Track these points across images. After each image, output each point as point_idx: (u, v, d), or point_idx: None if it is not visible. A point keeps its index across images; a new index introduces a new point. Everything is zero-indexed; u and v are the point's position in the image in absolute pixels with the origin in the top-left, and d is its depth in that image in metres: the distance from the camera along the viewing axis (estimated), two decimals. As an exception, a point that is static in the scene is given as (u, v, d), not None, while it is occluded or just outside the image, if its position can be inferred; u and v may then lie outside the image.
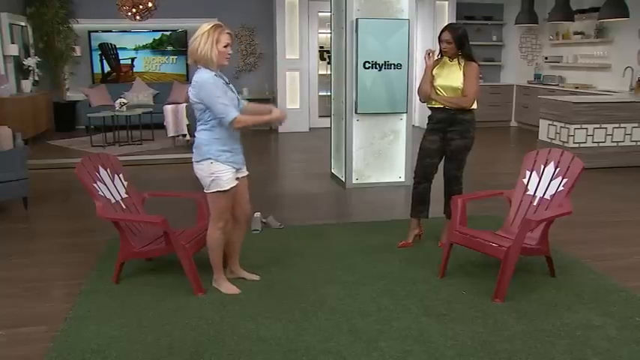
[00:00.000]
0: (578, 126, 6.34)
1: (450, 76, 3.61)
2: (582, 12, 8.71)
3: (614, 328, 2.69)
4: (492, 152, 7.95)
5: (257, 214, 4.25)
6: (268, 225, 4.27)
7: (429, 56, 3.65)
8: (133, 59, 10.14)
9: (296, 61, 9.45)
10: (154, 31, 9.99)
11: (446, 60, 3.65)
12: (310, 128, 9.68)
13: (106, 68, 10.06)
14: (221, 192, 2.92)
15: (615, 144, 6.45)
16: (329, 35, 6.27)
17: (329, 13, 6.01)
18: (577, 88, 8.67)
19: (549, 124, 6.76)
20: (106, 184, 3.34)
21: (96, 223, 3.90)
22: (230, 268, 3.26)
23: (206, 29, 2.81)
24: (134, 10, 7.74)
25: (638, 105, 6.54)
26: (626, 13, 7.36)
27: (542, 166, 3.38)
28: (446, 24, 4.00)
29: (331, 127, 6.06)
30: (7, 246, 3.97)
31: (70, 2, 9.29)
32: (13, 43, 8.29)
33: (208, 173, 2.90)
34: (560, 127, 6.52)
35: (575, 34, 9.07)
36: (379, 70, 5.30)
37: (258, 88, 10.05)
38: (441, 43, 3.61)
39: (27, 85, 8.58)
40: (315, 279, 3.28)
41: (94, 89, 9.52)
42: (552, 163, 3.34)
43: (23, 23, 8.92)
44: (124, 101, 8.16)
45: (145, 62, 10.18)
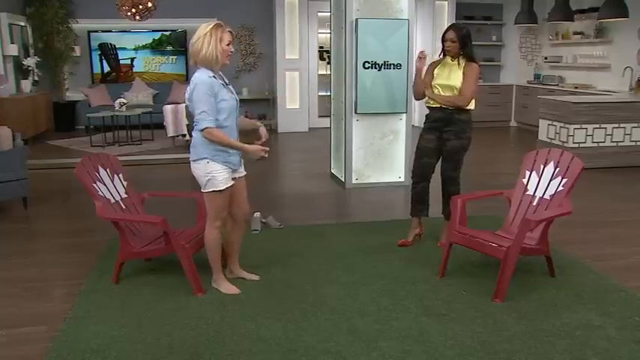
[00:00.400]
0: (578, 126, 6.34)
1: (450, 76, 3.61)
2: (582, 12, 8.71)
3: (614, 328, 2.69)
4: (492, 152, 7.95)
5: (257, 214, 4.25)
6: (268, 225, 4.27)
7: (420, 60, 3.65)
8: (132, 59, 10.14)
9: (296, 61, 9.46)
10: (153, 31, 9.99)
11: (447, 60, 3.65)
12: (310, 128, 9.68)
13: (106, 68, 10.06)
14: (217, 192, 2.91)
15: (615, 144, 6.45)
16: (329, 35, 6.28)
17: (328, 13, 6.01)
18: (577, 88, 8.67)
19: (549, 124, 6.77)
20: (105, 184, 3.34)
21: (95, 223, 3.90)
22: (229, 268, 3.27)
23: (208, 29, 2.80)
24: (134, 10, 7.74)
25: (637, 105, 6.54)
26: (626, 13, 7.36)
27: (542, 166, 3.38)
28: (448, 24, 4.02)
29: (331, 127, 6.06)
30: (7, 246, 3.97)
31: (69, 2, 9.28)
32: (13, 43, 8.29)
33: (204, 173, 2.90)
34: (560, 127, 6.52)
35: (575, 34, 9.07)
36: (379, 70, 5.30)
37: (258, 88, 10.05)
38: (444, 42, 3.61)
39: (26, 85, 8.57)
40: (314, 279, 3.28)
41: (93, 89, 9.52)
42: (552, 163, 3.34)
43: (23, 23, 8.92)
44: (124, 101, 8.16)
45: (145, 62, 10.18)
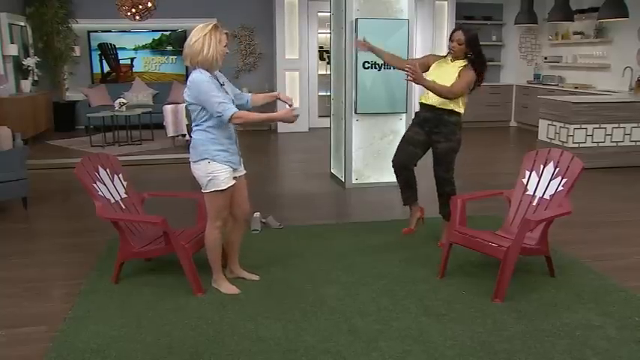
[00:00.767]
0: (578, 126, 6.34)
1: (443, 76, 3.55)
2: (582, 12, 8.71)
3: (614, 328, 2.69)
4: (492, 152, 7.96)
5: (257, 214, 4.25)
6: (268, 225, 4.27)
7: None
8: (132, 59, 10.14)
9: (295, 61, 9.46)
10: (153, 31, 9.99)
11: (447, 59, 3.62)
12: (310, 128, 9.68)
13: (106, 68, 10.06)
14: (218, 191, 2.92)
15: (615, 144, 6.45)
16: (328, 35, 6.28)
17: (328, 13, 6.01)
18: (576, 88, 8.68)
19: (549, 124, 6.77)
20: (105, 184, 3.34)
21: (95, 223, 3.90)
22: (229, 267, 3.27)
23: (207, 30, 2.79)
24: (133, 10, 7.74)
25: (637, 105, 6.54)
26: (626, 13, 7.36)
27: (542, 166, 3.38)
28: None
29: (331, 127, 6.06)
30: (7, 246, 3.97)
31: (69, 2, 9.28)
32: (13, 43, 8.29)
33: (205, 173, 2.90)
34: (560, 127, 6.53)
35: (575, 34, 9.07)
36: (379, 70, 5.30)
37: (258, 88, 10.01)
38: (451, 42, 3.57)
39: (26, 85, 8.57)
40: (314, 279, 3.28)
41: (93, 89, 9.52)
42: (552, 163, 3.34)
43: (23, 23, 8.92)
44: (124, 101, 8.16)
45: (145, 62, 10.18)
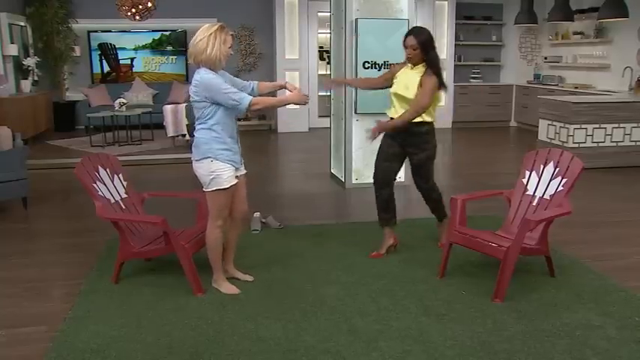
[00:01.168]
0: (578, 126, 6.34)
1: (408, 85, 3.41)
2: (582, 12, 8.71)
3: (614, 328, 2.69)
4: (492, 152, 7.96)
5: (257, 214, 4.25)
6: (268, 225, 4.27)
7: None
8: (132, 59, 10.14)
9: (295, 61, 9.47)
10: (153, 31, 9.99)
11: (408, 67, 3.47)
12: (310, 128, 9.69)
13: (106, 68, 10.06)
14: (220, 190, 2.92)
15: (615, 144, 6.45)
16: (328, 35, 6.28)
17: (328, 13, 6.01)
18: (576, 88, 8.68)
19: (549, 124, 6.77)
20: (105, 184, 3.34)
21: (95, 223, 3.90)
22: (224, 267, 3.23)
23: (212, 30, 2.82)
24: (133, 10, 7.75)
25: (637, 105, 6.54)
26: (626, 13, 7.36)
27: (542, 166, 3.38)
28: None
29: (331, 127, 6.06)
30: (7, 246, 3.98)
31: (69, 2, 9.29)
32: (13, 43, 8.30)
33: (208, 172, 2.90)
34: (560, 127, 6.53)
35: (575, 34, 9.08)
36: (379, 70, 5.29)
37: (258, 88, 10.06)
38: (405, 48, 3.40)
39: (26, 85, 8.58)
40: (314, 279, 3.28)
41: (93, 89, 9.53)
42: (552, 163, 3.34)
43: (23, 23, 8.92)
44: (124, 101, 8.16)
45: (145, 62, 10.19)
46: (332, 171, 6.07)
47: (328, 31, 6.45)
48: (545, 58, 9.95)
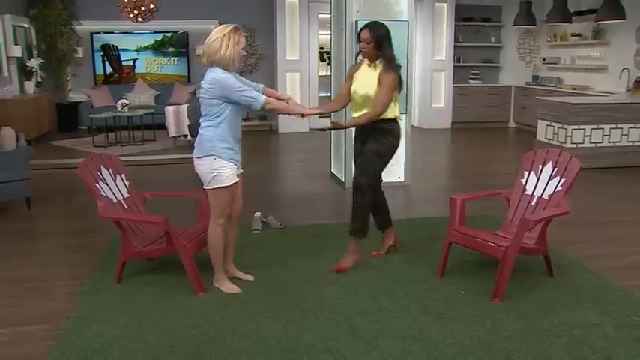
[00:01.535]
0: (576, 127, 6.36)
1: (366, 82, 3.31)
2: (579, 14, 8.74)
3: (612, 326, 2.71)
4: (491, 153, 7.99)
5: (257, 214, 4.28)
6: (268, 225, 4.29)
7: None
8: (134, 60, 10.18)
9: (296, 62, 9.50)
10: (155, 32, 10.02)
11: (365, 62, 3.37)
12: (310, 129, 9.70)
13: (108, 69, 10.10)
14: (222, 188, 2.95)
15: (612, 144, 6.48)
16: (329, 36, 6.31)
17: (329, 15, 6.04)
18: (574, 89, 8.70)
19: (547, 125, 6.79)
20: (108, 185, 3.36)
21: (98, 223, 3.93)
22: (225, 267, 3.25)
23: (227, 31, 2.86)
24: (136, 11, 7.78)
25: (634, 106, 6.57)
26: (623, 15, 7.39)
27: (540, 166, 3.40)
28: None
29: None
30: (11, 246, 4.00)
31: (72, 4, 9.34)
32: (17, 45, 8.34)
33: (210, 169, 2.93)
34: (558, 127, 6.55)
35: (573, 35, 9.10)
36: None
37: (259, 89, 10.09)
38: (359, 42, 3.30)
39: (30, 86, 8.61)
40: (315, 278, 3.30)
41: (96, 90, 9.56)
42: (550, 163, 3.36)
43: (26, 25, 8.97)
44: (126, 102, 8.20)
45: (147, 63, 10.22)
46: (332, 171, 6.09)
47: (329, 32, 6.48)
48: (544, 60, 9.97)
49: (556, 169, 3.32)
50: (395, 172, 5.65)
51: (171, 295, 3.07)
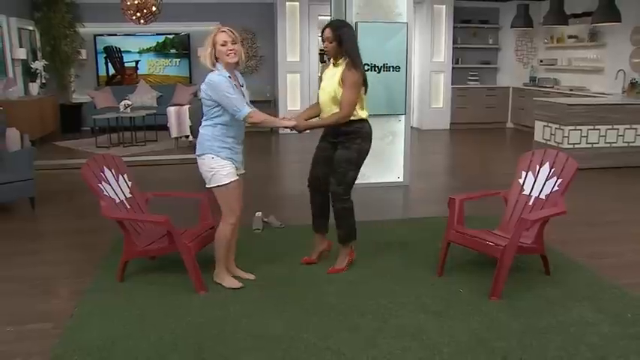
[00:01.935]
0: (573, 127, 6.40)
1: (330, 81, 3.23)
2: (576, 16, 8.78)
3: (608, 324, 2.73)
4: (489, 153, 8.02)
5: (258, 214, 4.31)
6: (269, 224, 4.32)
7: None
8: (137, 62, 10.23)
9: (296, 63, 9.54)
10: (157, 34, 10.08)
11: (330, 64, 3.32)
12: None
13: (111, 71, 10.16)
14: (222, 186, 2.99)
15: (609, 145, 6.52)
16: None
17: (329, 17, 6.08)
18: (571, 90, 8.74)
19: (544, 126, 6.83)
20: (110, 185, 3.39)
21: (101, 222, 3.94)
22: (226, 266, 3.27)
23: (211, 34, 2.95)
24: (138, 14, 7.82)
25: (630, 107, 6.61)
26: (618, 18, 7.46)
27: (538, 166, 3.43)
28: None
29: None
30: (15, 245, 4.04)
31: (76, 7, 9.39)
32: (22, 47, 8.40)
33: (209, 167, 2.99)
34: (555, 128, 6.59)
35: (570, 37, 9.14)
36: (378, 72, 5.37)
37: (260, 90, 10.12)
38: (323, 42, 3.23)
39: (34, 87, 8.66)
40: (315, 277, 3.33)
41: (99, 91, 9.62)
42: (547, 163, 3.38)
43: (31, 27, 9.02)
44: (129, 103, 8.25)
45: (149, 65, 10.27)
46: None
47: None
48: (541, 61, 10.01)
49: (553, 170, 3.35)
50: (394, 173, 5.69)
51: (173, 293, 3.10)
